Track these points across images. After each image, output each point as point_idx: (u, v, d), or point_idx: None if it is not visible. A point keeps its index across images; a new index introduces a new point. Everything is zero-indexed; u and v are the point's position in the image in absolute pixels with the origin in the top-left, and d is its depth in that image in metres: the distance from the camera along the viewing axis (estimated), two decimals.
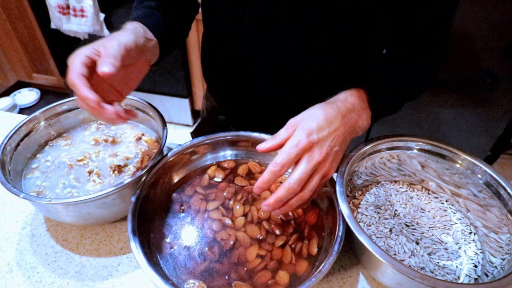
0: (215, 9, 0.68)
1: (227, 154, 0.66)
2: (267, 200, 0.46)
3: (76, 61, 0.46)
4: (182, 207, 0.58)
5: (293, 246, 0.53)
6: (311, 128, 0.46)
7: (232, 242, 0.53)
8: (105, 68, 0.44)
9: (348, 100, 0.52)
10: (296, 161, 0.46)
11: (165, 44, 0.60)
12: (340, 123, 0.48)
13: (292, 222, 0.56)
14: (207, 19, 0.72)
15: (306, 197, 0.47)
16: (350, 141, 0.52)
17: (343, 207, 0.49)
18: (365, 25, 0.59)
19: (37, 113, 0.66)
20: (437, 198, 0.62)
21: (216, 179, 0.63)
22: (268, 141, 0.48)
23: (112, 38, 0.49)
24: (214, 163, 0.65)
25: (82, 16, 1.71)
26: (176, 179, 0.62)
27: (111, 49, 0.46)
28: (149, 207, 0.56)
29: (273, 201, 0.46)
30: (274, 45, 0.63)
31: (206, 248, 0.52)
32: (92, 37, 1.84)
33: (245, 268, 0.50)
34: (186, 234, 0.54)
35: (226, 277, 0.49)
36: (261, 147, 0.49)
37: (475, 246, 0.55)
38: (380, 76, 0.58)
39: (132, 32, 0.52)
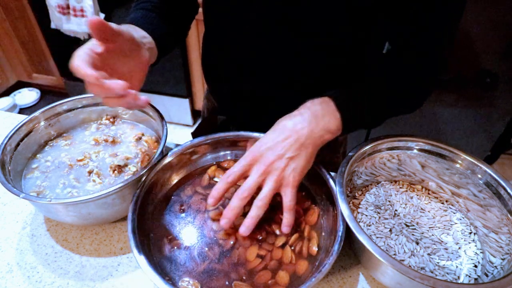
0: (216, 10, 0.68)
1: (227, 154, 0.66)
2: (223, 216, 0.50)
3: (79, 52, 0.46)
4: (182, 207, 0.58)
5: (293, 247, 0.53)
6: (256, 145, 0.51)
7: (232, 242, 0.53)
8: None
9: (309, 107, 0.53)
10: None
11: (162, 43, 0.60)
12: (290, 132, 0.51)
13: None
14: (208, 20, 0.72)
15: (262, 204, 0.49)
16: (318, 145, 0.53)
17: (343, 207, 0.49)
18: (366, 25, 0.59)
19: (37, 113, 0.66)
20: (437, 198, 0.62)
21: (216, 179, 0.63)
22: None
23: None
24: (214, 163, 0.65)
25: (82, 16, 1.71)
26: (176, 179, 0.62)
27: (94, 44, 0.47)
28: (149, 207, 0.56)
29: (227, 211, 0.50)
30: (276, 46, 0.63)
31: (206, 248, 0.52)
32: (92, 37, 1.84)
33: (245, 268, 0.50)
34: (186, 234, 0.54)
35: (226, 277, 0.49)
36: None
37: (475, 246, 0.55)
38: (359, 85, 0.58)
39: (125, 27, 0.53)
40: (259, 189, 0.50)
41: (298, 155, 0.50)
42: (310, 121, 0.51)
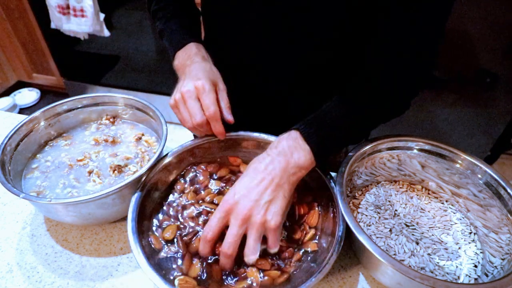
0: (216, 10, 0.68)
1: (228, 154, 0.66)
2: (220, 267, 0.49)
3: (213, 96, 0.56)
4: (182, 207, 0.58)
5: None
6: (229, 195, 0.48)
7: None
8: (231, 117, 0.58)
9: (276, 146, 0.52)
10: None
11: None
12: (262, 174, 0.48)
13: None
14: (207, 21, 0.72)
15: (254, 258, 0.46)
16: (293, 183, 0.50)
17: (343, 207, 0.49)
18: (366, 25, 0.59)
19: (37, 113, 0.66)
20: (437, 198, 0.62)
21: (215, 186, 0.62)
22: None
23: (217, 75, 0.61)
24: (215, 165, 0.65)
25: (82, 16, 1.71)
26: (176, 179, 0.62)
27: (224, 92, 0.60)
28: (149, 207, 0.56)
29: (221, 266, 0.48)
30: (275, 46, 0.63)
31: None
32: (92, 37, 1.84)
33: (245, 268, 0.50)
34: (186, 234, 0.54)
35: (225, 276, 0.49)
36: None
37: (475, 246, 0.55)
38: (321, 112, 0.56)
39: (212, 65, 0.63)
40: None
41: (276, 197, 0.48)
42: (279, 161, 0.49)
